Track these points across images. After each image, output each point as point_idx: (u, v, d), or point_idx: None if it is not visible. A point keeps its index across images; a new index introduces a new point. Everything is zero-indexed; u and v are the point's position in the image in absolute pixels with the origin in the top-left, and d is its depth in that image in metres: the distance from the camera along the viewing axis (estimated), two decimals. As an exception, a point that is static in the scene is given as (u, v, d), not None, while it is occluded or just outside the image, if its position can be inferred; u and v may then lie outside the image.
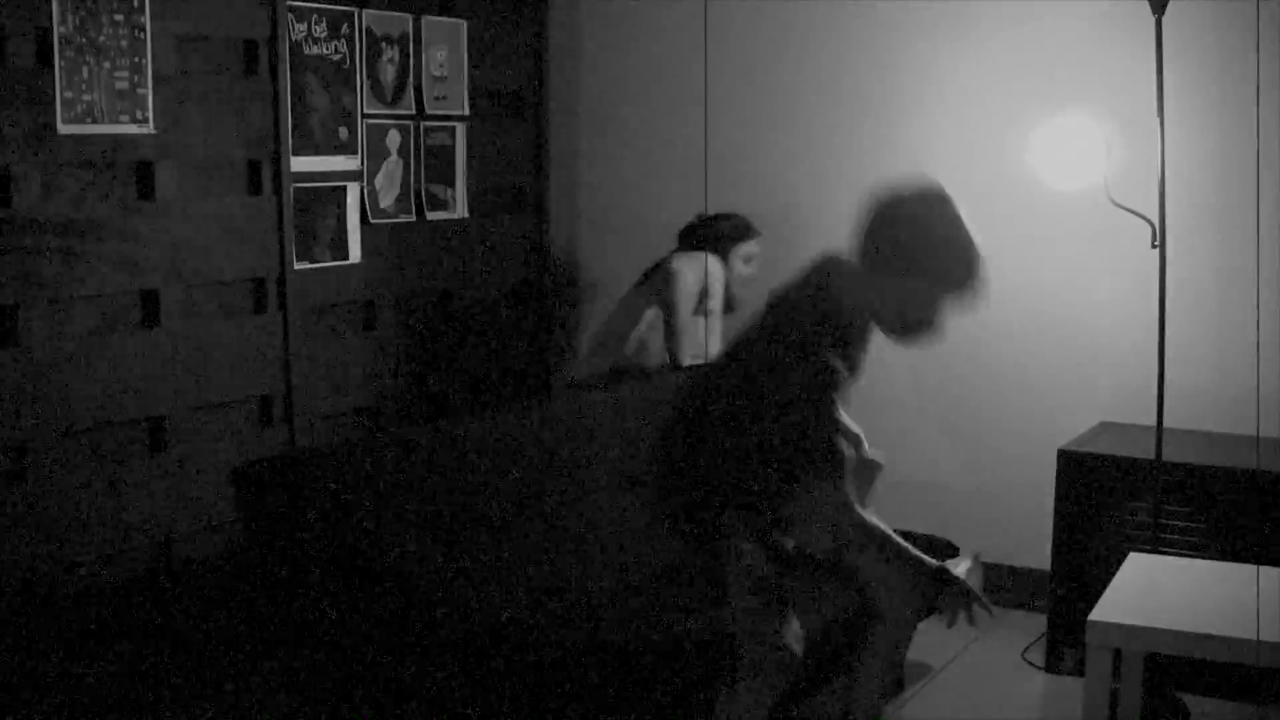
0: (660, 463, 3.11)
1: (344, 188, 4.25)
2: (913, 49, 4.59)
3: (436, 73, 4.57)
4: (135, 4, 3.55)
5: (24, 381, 3.36)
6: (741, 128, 4.87)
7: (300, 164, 4.08)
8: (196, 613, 3.74)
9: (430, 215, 4.59)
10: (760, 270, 4.44)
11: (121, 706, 3.53)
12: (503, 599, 3.45)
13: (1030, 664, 4.21)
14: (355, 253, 4.30)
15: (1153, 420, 3.79)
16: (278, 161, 4.00)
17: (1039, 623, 4.32)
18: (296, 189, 4.07)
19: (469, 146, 4.71)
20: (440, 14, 4.59)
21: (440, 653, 3.24)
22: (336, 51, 4.19)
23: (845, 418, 3.05)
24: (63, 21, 3.38)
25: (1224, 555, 3.79)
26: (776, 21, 4.79)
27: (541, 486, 3.69)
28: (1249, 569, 3.32)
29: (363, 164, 4.31)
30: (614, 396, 4.04)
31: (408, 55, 4.44)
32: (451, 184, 4.66)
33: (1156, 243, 3.69)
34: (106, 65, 3.49)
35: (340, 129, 4.22)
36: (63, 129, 3.40)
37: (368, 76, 4.30)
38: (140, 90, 3.58)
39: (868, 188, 2.96)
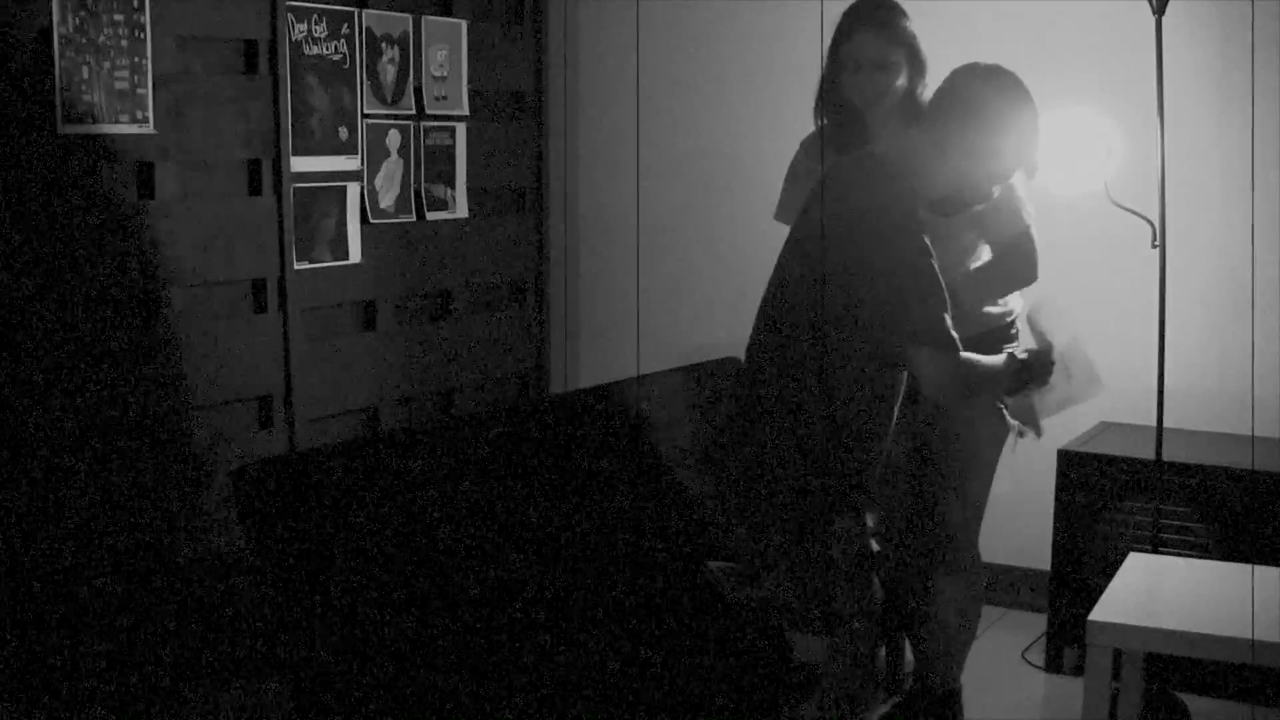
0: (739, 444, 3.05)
1: (344, 188, 4.25)
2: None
3: (436, 73, 4.57)
4: (135, 4, 3.55)
5: (24, 381, 3.36)
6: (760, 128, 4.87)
7: (300, 164, 4.08)
8: (197, 613, 3.74)
9: (430, 215, 4.58)
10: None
11: (122, 707, 3.53)
12: (503, 598, 3.45)
13: (1030, 664, 4.21)
14: (355, 253, 4.30)
15: (1153, 420, 3.79)
16: (278, 161, 4.00)
17: (1039, 623, 4.32)
18: (296, 189, 4.07)
19: (469, 146, 4.71)
20: (440, 14, 4.59)
21: (440, 652, 3.24)
22: (336, 51, 4.19)
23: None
24: (63, 21, 3.38)
25: (1223, 555, 3.79)
26: (783, 21, 4.80)
27: (542, 485, 3.69)
28: (1248, 569, 3.32)
29: (363, 164, 4.31)
30: (613, 396, 4.04)
31: (408, 55, 4.44)
32: (451, 184, 4.66)
33: (1156, 243, 3.70)
34: (106, 65, 3.49)
35: (340, 129, 4.22)
36: (63, 129, 3.40)
37: (368, 76, 4.30)
38: (140, 90, 3.58)
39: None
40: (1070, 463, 4.09)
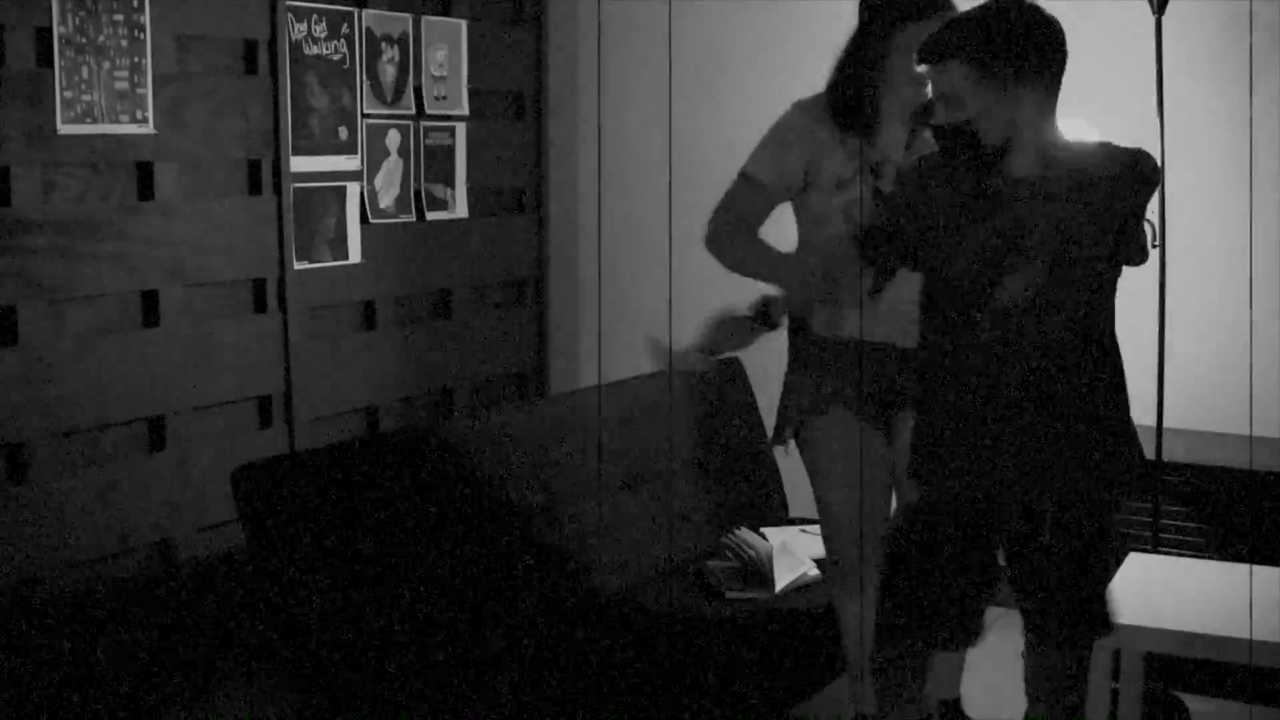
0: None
1: (344, 188, 4.25)
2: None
3: (436, 73, 4.57)
4: (135, 4, 3.55)
5: (24, 381, 3.36)
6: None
7: (300, 164, 4.08)
8: (196, 613, 3.74)
9: (430, 215, 4.58)
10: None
11: (121, 707, 3.53)
12: (503, 597, 3.45)
13: (1030, 664, 4.20)
14: (355, 253, 4.30)
15: (1153, 420, 3.79)
16: (278, 161, 4.00)
17: (1039, 623, 4.31)
18: (296, 189, 4.07)
19: (469, 146, 4.71)
20: (440, 14, 4.59)
21: (440, 650, 3.25)
22: (336, 51, 4.19)
23: None
24: (63, 21, 3.38)
25: (1223, 555, 3.79)
26: (782, 24, 4.80)
27: (541, 485, 3.69)
28: (1248, 569, 3.32)
29: (363, 164, 4.31)
30: (614, 395, 4.04)
31: (408, 55, 4.44)
32: (451, 184, 4.66)
33: (1156, 243, 3.70)
34: (106, 65, 3.49)
35: (340, 129, 4.22)
36: (63, 129, 3.40)
37: (368, 76, 4.30)
38: (140, 90, 3.58)
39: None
40: (1070, 463, 4.09)
